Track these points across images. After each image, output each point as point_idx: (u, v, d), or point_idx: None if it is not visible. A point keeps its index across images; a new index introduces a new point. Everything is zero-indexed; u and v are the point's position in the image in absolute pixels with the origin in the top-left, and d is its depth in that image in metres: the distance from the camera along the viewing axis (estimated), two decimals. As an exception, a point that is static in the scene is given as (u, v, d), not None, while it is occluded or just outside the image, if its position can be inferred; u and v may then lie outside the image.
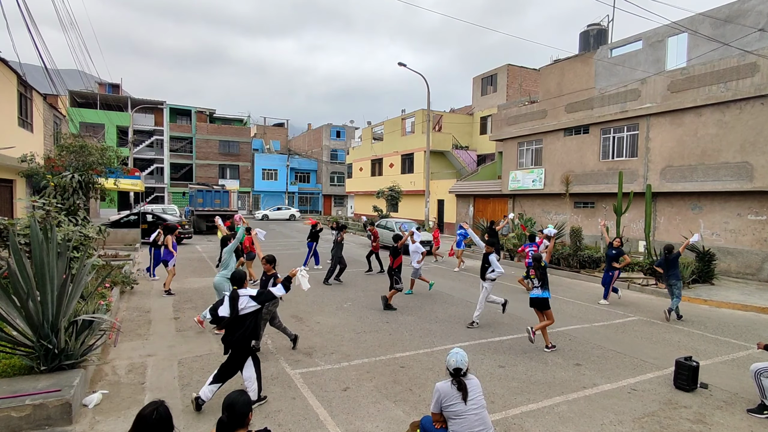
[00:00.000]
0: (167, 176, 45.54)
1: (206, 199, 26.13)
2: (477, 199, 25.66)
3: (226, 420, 2.73)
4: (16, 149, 12.52)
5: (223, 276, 7.66)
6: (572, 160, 18.92)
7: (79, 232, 8.37)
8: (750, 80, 13.04)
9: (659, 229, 15.97)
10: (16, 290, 4.91)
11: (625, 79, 16.85)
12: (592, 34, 21.92)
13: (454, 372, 3.56)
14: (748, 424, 4.73)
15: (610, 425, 4.64)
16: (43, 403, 4.21)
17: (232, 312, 4.73)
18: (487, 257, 8.12)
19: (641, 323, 8.84)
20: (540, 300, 7.07)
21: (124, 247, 16.64)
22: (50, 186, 10.56)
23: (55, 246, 5.35)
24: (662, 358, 6.68)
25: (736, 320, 9.25)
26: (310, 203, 54.27)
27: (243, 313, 4.71)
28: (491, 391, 5.35)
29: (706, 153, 14.27)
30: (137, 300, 9.49)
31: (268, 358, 6.30)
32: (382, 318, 8.62)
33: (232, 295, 4.82)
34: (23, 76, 15.03)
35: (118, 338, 6.92)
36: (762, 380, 4.90)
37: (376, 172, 38.37)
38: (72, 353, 5.05)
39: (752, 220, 13.56)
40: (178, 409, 4.68)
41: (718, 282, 12.88)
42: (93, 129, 37.12)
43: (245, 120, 53.06)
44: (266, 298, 4.96)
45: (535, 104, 21.15)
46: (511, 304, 10.21)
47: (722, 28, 14.12)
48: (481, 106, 32.30)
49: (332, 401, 5.02)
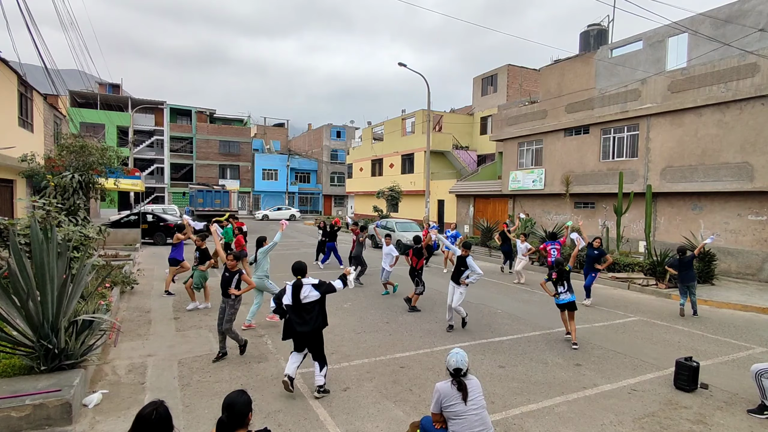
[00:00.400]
0: (167, 176, 45.55)
1: (206, 199, 26.16)
2: (477, 199, 25.66)
3: (226, 420, 2.72)
4: (17, 149, 12.53)
5: (260, 276, 8.14)
6: (572, 161, 18.91)
7: (79, 232, 8.36)
8: (750, 80, 13.04)
9: (659, 230, 15.96)
10: (16, 290, 4.91)
11: (625, 79, 16.85)
12: (593, 34, 21.93)
13: (455, 372, 3.56)
14: (749, 425, 4.73)
15: (611, 425, 4.64)
16: (43, 403, 4.21)
17: (295, 301, 5.02)
18: (464, 260, 7.76)
19: (641, 323, 8.83)
20: (571, 303, 7.29)
21: (124, 247, 16.64)
22: (50, 186, 10.56)
23: (56, 246, 5.35)
24: (662, 359, 6.68)
25: (737, 321, 9.24)
26: (311, 203, 54.27)
27: (305, 301, 5.02)
28: (491, 391, 5.35)
29: (706, 153, 14.26)
30: (137, 300, 9.49)
31: (268, 358, 6.30)
32: (381, 318, 8.62)
33: (296, 284, 5.09)
34: (23, 76, 15.03)
35: (118, 338, 6.92)
36: (763, 381, 4.89)
37: (377, 173, 38.37)
38: (72, 353, 5.04)
39: (752, 220, 13.55)
40: (178, 409, 4.68)
41: (719, 282, 12.88)
42: (93, 129, 37.13)
43: (245, 120, 53.08)
44: (327, 290, 5.16)
45: (536, 104, 21.14)
46: (511, 304, 10.22)
47: (722, 28, 14.11)
48: (482, 106, 32.30)
49: (332, 401, 5.02)
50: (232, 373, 5.75)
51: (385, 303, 9.68)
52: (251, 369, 5.90)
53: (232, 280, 6.13)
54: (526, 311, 9.58)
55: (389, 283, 10.83)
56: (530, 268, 15.61)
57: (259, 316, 8.56)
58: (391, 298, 10.34)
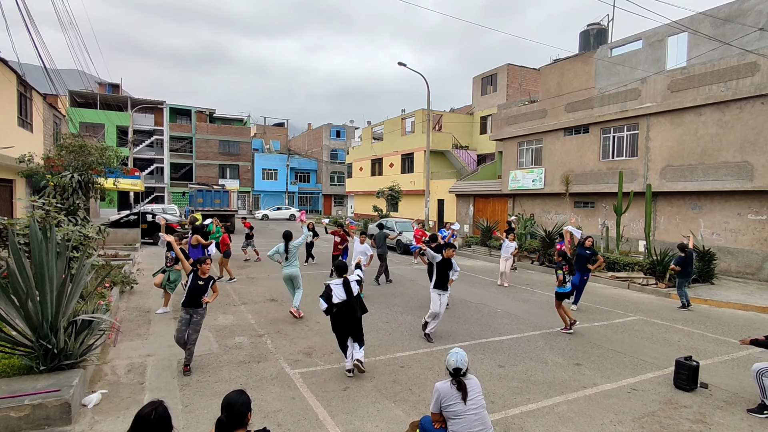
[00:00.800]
0: (167, 176, 45.52)
1: (206, 199, 26.10)
2: (477, 198, 25.65)
3: (225, 420, 2.71)
4: (16, 149, 12.52)
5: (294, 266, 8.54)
6: (572, 160, 18.90)
7: (78, 232, 8.35)
8: (750, 80, 13.03)
9: (659, 229, 15.96)
10: (15, 290, 4.90)
11: (625, 78, 16.84)
12: (592, 33, 21.90)
13: (454, 372, 3.55)
14: (749, 424, 4.73)
15: (610, 425, 4.64)
16: (42, 403, 4.20)
17: (348, 295, 5.66)
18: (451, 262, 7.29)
19: (641, 323, 8.83)
20: (568, 293, 8.01)
21: (123, 247, 16.63)
22: (50, 186, 10.54)
23: (55, 246, 5.34)
24: (662, 358, 6.68)
25: (736, 320, 9.24)
26: (310, 203, 54.26)
27: (355, 294, 5.73)
28: (491, 390, 5.35)
29: (706, 152, 14.26)
30: (137, 300, 9.49)
31: (268, 358, 6.30)
32: (381, 318, 8.61)
33: (345, 281, 5.72)
34: (23, 76, 15.02)
35: (118, 338, 6.92)
36: (763, 380, 4.89)
37: (376, 172, 38.35)
38: (71, 353, 5.04)
39: (752, 219, 13.55)
40: (177, 409, 4.67)
41: (718, 281, 12.88)
42: (93, 129, 37.12)
43: (245, 120, 53.05)
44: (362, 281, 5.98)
45: (535, 104, 21.13)
46: (511, 304, 10.22)
47: (722, 28, 14.10)
48: (481, 105, 32.29)
49: (332, 401, 5.01)
50: (232, 373, 5.75)
51: (384, 303, 9.67)
52: (250, 369, 5.89)
53: (206, 288, 5.74)
54: (525, 311, 9.58)
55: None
56: (530, 268, 15.61)
57: (258, 316, 8.57)
58: (390, 297, 10.33)
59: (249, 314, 8.64)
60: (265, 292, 10.63)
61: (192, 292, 5.71)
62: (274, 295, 10.22)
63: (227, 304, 9.26)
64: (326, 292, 5.66)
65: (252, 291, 10.63)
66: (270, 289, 10.84)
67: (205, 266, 5.82)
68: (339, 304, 5.62)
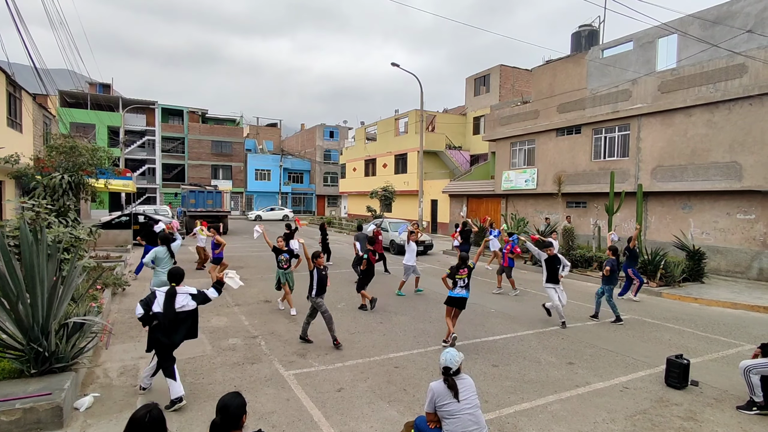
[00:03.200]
0: (159, 177, 45.16)
1: (198, 199, 25.93)
2: (470, 199, 25.76)
3: (219, 422, 2.71)
4: (5, 150, 12.35)
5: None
6: (564, 160, 19.04)
7: (69, 233, 8.28)
8: (738, 81, 13.22)
9: (650, 229, 16.12)
10: (5, 293, 4.84)
11: (616, 79, 17.00)
12: (584, 35, 22.09)
13: (444, 371, 3.58)
14: (738, 421, 4.80)
15: (603, 423, 4.68)
16: (33, 407, 4.16)
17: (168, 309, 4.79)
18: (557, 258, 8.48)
19: (633, 322, 8.92)
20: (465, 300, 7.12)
21: (115, 249, 16.48)
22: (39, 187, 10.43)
23: (45, 248, 5.28)
24: (653, 357, 6.75)
25: (726, 318, 9.36)
26: (304, 204, 54.12)
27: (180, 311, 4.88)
28: (485, 390, 5.37)
29: (695, 153, 14.43)
30: (129, 302, 9.40)
31: (262, 359, 6.28)
32: (375, 318, 8.62)
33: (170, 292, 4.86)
34: (12, 76, 14.84)
35: (110, 340, 6.86)
36: (751, 377, 4.97)
37: (370, 173, 38.36)
38: (63, 356, 4.99)
39: (741, 219, 13.74)
40: (172, 412, 4.64)
41: (708, 280, 13.04)
42: (83, 129, 36.71)
43: (238, 120, 52.79)
44: (203, 300, 5.04)
45: (528, 105, 21.26)
46: (504, 303, 10.28)
47: (711, 30, 14.29)
48: (474, 106, 32.42)
49: (326, 402, 5.01)
50: (226, 375, 5.73)
51: (378, 303, 9.68)
52: (245, 371, 5.87)
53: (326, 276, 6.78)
54: (519, 310, 9.63)
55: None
56: (524, 268, 15.70)
57: (252, 317, 8.54)
58: (386, 298, 10.34)
59: (242, 316, 8.61)
60: (258, 293, 10.60)
61: (321, 282, 6.82)
62: (267, 297, 10.19)
63: (221, 306, 9.21)
64: (148, 297, 4.87)
65: (245, 292, 10.58)
66: (263, 291, 10.80)
67: (320, 259, 6.96)
68: (159, 314, 4.76)
